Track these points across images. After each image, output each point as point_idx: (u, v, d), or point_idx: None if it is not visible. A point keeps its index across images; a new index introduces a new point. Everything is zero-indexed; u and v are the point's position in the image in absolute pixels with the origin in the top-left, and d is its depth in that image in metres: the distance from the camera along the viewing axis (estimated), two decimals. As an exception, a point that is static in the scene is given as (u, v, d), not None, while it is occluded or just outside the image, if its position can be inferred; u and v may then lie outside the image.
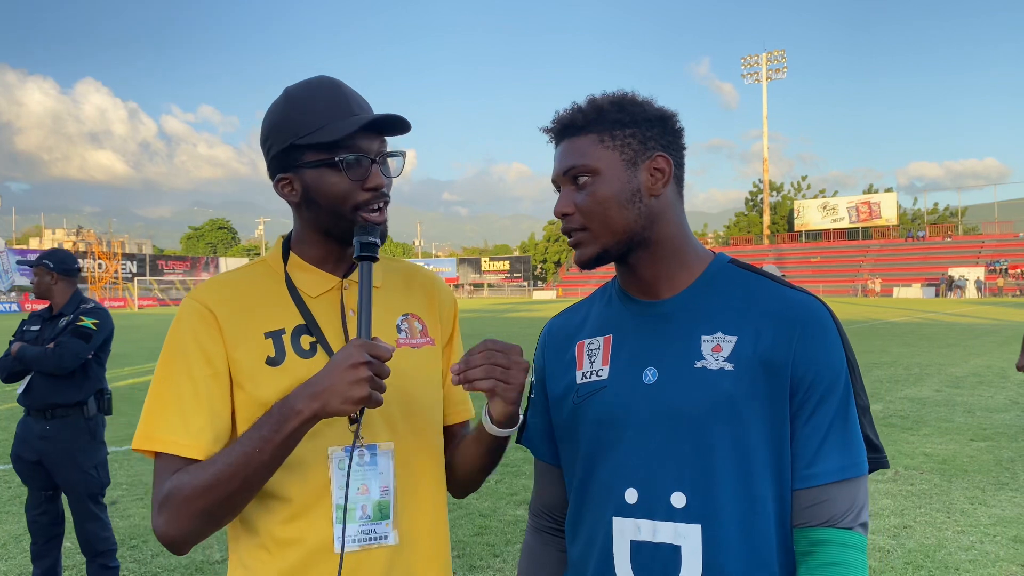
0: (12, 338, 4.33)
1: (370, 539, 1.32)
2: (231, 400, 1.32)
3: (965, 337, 20.54)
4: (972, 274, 56.54)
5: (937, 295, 54.70)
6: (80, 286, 4.73)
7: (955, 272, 57.23)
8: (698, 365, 1.25)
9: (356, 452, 1.32)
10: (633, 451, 1.27)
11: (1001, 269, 57.89)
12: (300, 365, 1.32)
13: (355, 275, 1.41)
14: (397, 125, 1.35)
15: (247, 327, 1.33)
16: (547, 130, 1.36)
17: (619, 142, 1.29)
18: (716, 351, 1.25)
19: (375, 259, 1.33)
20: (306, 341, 1.35)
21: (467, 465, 1.50)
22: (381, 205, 1.36)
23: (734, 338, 1.25)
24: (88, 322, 4.15)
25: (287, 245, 1.45)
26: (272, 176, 1.39)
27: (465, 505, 5.89)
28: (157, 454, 1.28)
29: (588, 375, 1.35)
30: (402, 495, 1.37)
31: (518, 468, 6.99)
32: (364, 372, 1.17)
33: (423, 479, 1.41)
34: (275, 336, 1.34)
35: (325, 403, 1.18)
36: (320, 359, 1.33)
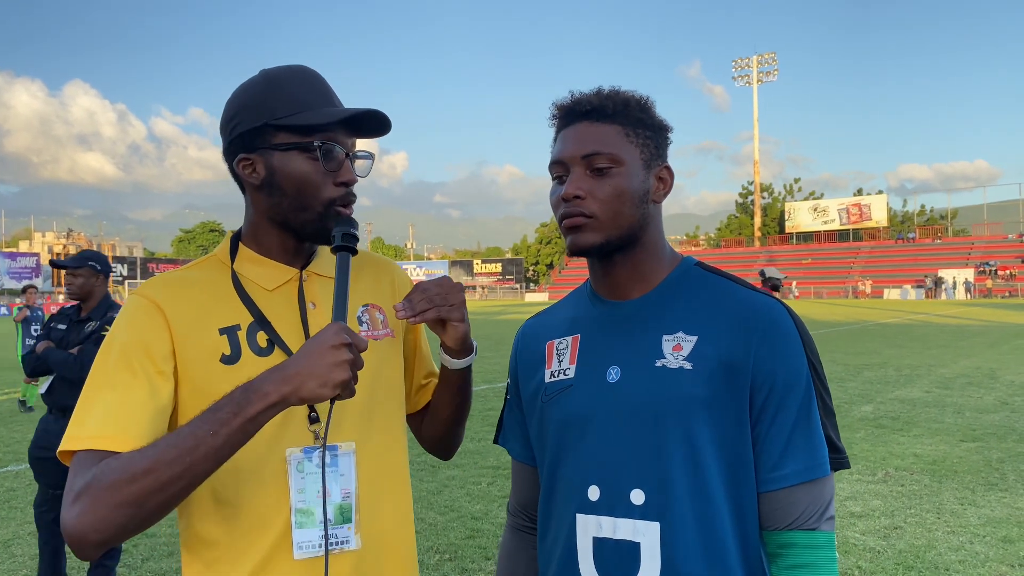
0: (38, 332, 4.51)
1: (331, 544, 1.26)
2: (175, 402, 1.23)
3: (955, 338, 20.64)
4: (958, 275, 56.77)
5: (926, 297, 54.95)
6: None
7: (943, 273, 57.50)
8: (658, 364, 1.26)
9: (316, 453, 1.26)
10: (596, 449, 1.28)
11: (990, 270, 58.21)
12: (257, 363, 1.24)
13: (315, 266, 1.37)
14: (377, 125, 1.32)
15: (199, 323, 1.25)
16: (564, 107, 1.33)
17: (641, 141, 1.30)
18: (676, 350, 1.26)
19: (354, 252, 1.28)
20: (263, 338, 1.27)
21: (442, 413, 1.50)
22: (352, 204, 1.32)
23: (694, 338, 1.26)
24: None
25: (236, 240, 1.37)
26: (230, 156, 1.31)
27: (457, 508, 5.89)
28: (75, 453, 1.13)
29: (556, 374, 1.37)
30: (365, 497, 1.31)
31: (510, 471, 6.97)
32: (345, 354, 1.09)
33: (387, 479, 1.36)
34: (230, 332, 1.26)
35: (299, 386, 1.08)
36: (278, 357, 1.26)
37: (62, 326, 4.39)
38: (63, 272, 4.36)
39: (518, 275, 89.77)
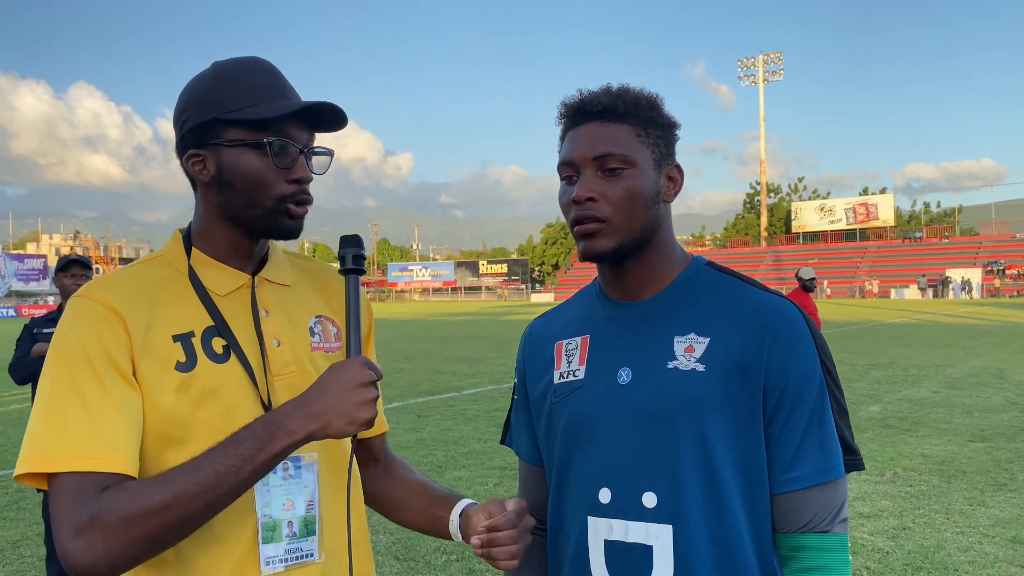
0: (19, 341, 4.38)
1: (297, 558, 1.23)
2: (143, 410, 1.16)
3: (963, 338, 20.55)
4: (962, 275, 56.55)
5: (934, 296, 54.75)
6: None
7: (950, 273, 57.28)
8: (670, 366, 1.25)
9: (282, 465, 1.22)
10: (607, 451, 1.27)
11: (998, 270, 57.97)
12: (213, 370, 1.19)
13: (266, 272, 1.32)
14: (332, 119, 1.26)
15: (153, 330, 1.18)
16: (573, 106, 1.30)
17: (652, 140, 1.28)
18: (688, 352, 1.25)
19: (363, 272, 1.26)
20: (218, 344, 1.21)
21: (409, 519, 1.45)
22: (306, 203, 1.26)
23: (707, 339, 1.25)
24: None
25: (188, 239, 1.30)
26: (181, 151, 1.25)
27: (464, 509, 5.87)
28: (55, 476, 1.06)
29: (565, 375, 1.36)
30: (326, 509, 1.28)
31: (517, 472, 6.96)
32: (372, 392, 1.11)
33: (344, 491, 1.31)
34: (183, 339, 1.20)
35: (326, 424, 1.08)
36: (233, 363, 1.21)
37: (49, 330, 4.34)
38: (70, 271, 4.34)
39: (524, 275, 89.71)
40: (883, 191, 79.57)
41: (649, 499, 1.23)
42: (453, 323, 33.71)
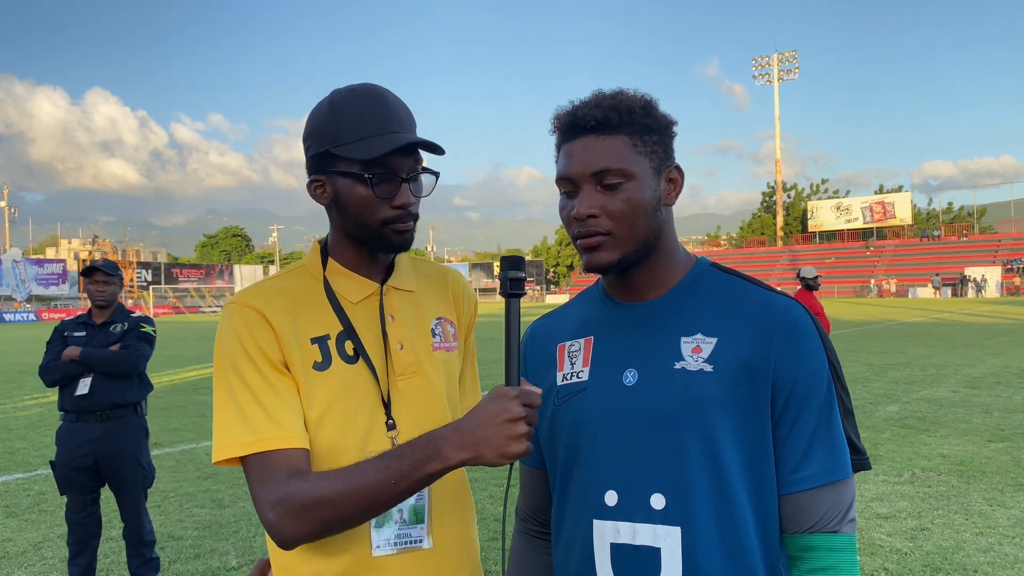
0: (49, 344, 4.40)
1: (406, 543, 1.35)
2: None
3: (982, 337, 20.36)
4: (980, 273, 55.95)
5: (954, 295, 54.24)
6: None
7: (969, 271, 56.73)
8: (677, 366, 1.24)
9: None
10: (612, 453, 1.27)
11: (1018, 268, 57.33)
12: (346, 370, 1.35)
13: (394, 280, 1.45)
14: (431, 146, 1.37)
15: (295, 333, 1.34)
16: (566, 121, 1.29)
17: (649, 148, 1.26)
18: (696, 352, 1.24)
19: (523, 294, 1.27)
20: (350, 347, 1.37)
21: None
22: (410, 221, 1.38)
23: (714, 339, 1.24)
24: (149, 329, 4.49)
25: (325, 250, 1.46)
26: (309, 174, 1.41)
27: (480, 511, 5.89)
28: (245, 459, 1.25)
29: (569, 377, 1.35)
30: (437, 500, 1.40)
31: (532, 472, 6.96)
32: (523, 427, 1.14)
33: (456, 484, 1.44)
34: (320, 342, 1.36)
35: (478, 455, 1.15)
36: (361, 365, 1.36)
37: (79, 333, 4.38)
38: (92, 278, 4.37)
39: (538, 277, 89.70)
40: (899, 189, 78.90)
41: (657, 501, 1.22)
42: (468, 325, 33.68)
